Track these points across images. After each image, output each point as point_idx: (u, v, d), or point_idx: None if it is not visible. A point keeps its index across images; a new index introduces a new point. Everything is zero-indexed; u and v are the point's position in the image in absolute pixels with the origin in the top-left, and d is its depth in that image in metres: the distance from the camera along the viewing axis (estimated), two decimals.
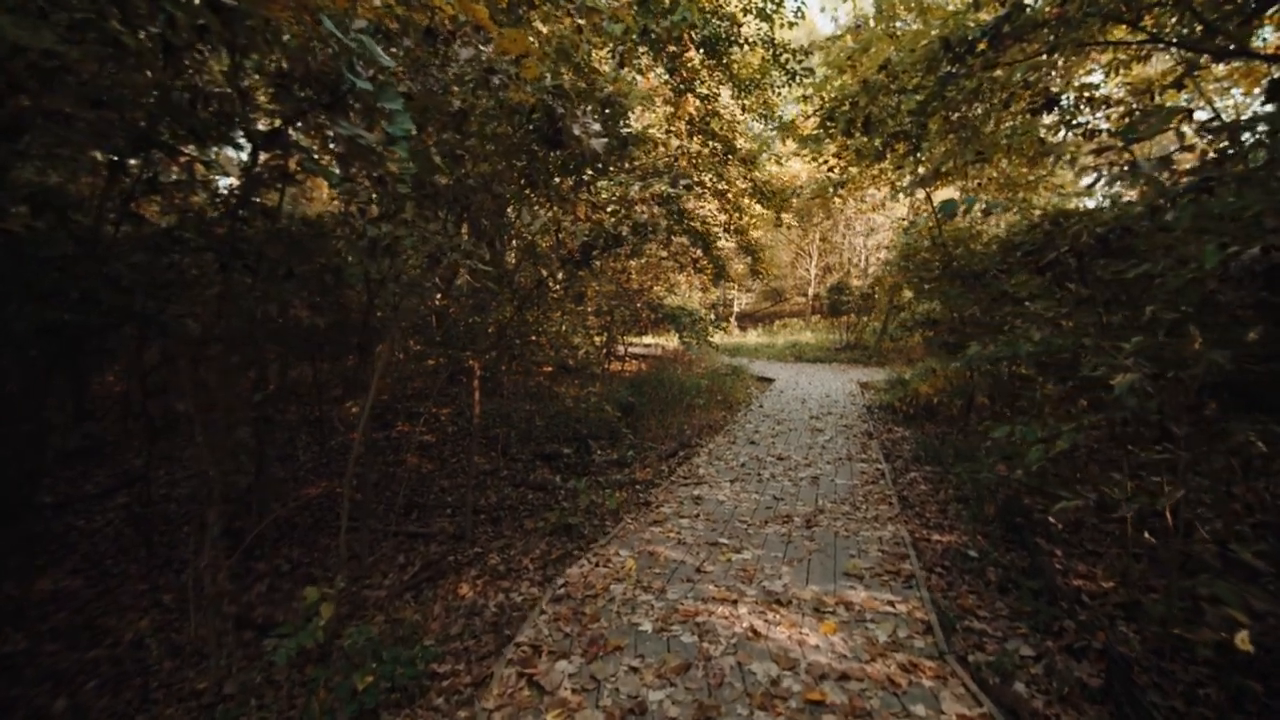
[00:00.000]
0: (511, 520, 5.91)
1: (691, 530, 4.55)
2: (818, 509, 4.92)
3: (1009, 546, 4.36)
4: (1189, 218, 2.37)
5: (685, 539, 4.35)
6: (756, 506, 5.08)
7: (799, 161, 21.41)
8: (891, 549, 4.14)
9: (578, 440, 8.70)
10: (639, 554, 4.16)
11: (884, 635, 2.97)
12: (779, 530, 4.47)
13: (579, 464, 7.94)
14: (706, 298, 22.87)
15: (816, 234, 29.38)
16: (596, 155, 3.17)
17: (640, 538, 4.47)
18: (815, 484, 5.65)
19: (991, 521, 4.71)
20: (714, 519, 4.80)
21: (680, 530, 4.54)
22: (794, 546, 4.20)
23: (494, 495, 6.91)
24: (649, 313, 12.20)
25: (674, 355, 16.66)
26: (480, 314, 5.53)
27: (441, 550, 5.27)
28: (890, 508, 4.93)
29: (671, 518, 4.88)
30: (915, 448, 7.49)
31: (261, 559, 5.43)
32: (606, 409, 6.64)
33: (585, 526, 5.18)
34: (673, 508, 5.15)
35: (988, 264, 5.12)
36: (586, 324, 12.59)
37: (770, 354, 20.41)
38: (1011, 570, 3.95)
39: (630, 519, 4.92)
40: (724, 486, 5.60)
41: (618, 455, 8.16)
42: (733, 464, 6.38)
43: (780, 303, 33.82)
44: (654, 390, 11.57)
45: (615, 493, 6.17)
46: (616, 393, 10.93)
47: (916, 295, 9.19)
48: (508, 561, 4.81)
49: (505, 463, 8.27)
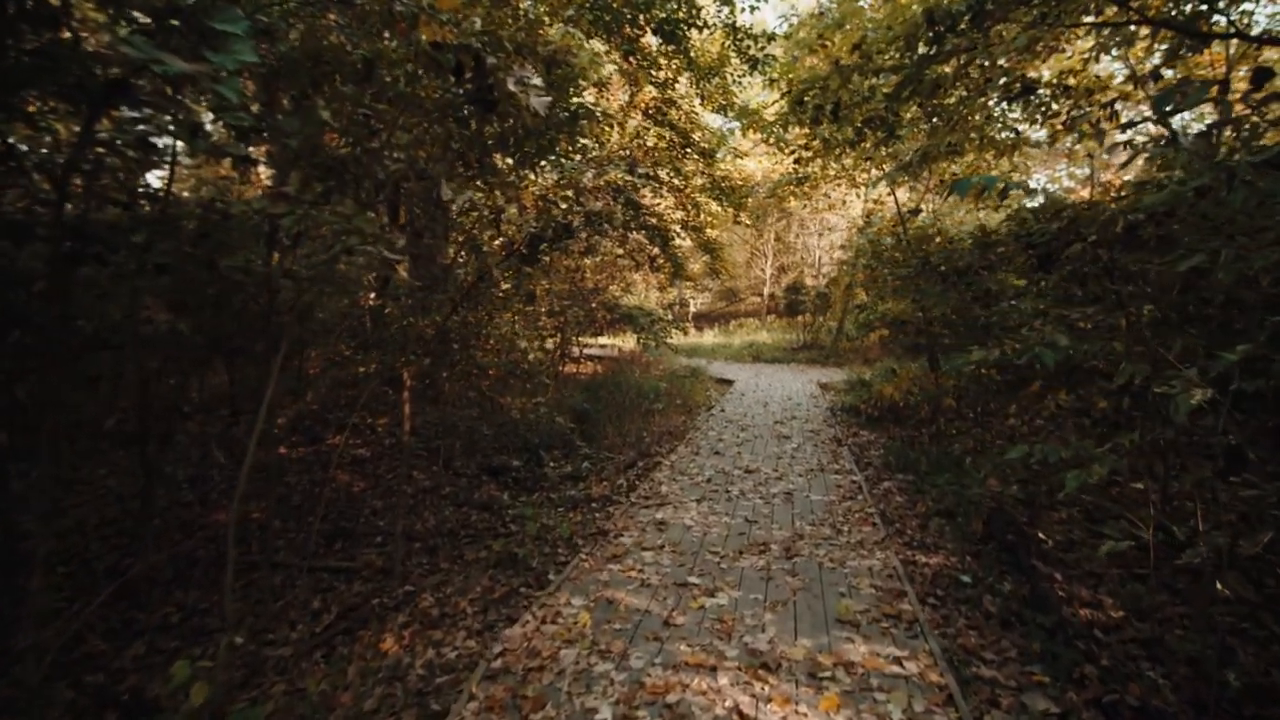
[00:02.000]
0: (450, 549, 5.23)
1: (656, 567, 3.98)
2: (796, 533, 4.44)
3: (1003, 569, 3.97)
4: (1256, 197, 1.95)
5: (649, 578, 3.77)
6: (728, 532, 4.57)
7: (754, 161, 21.22)
8: (885, 583, 3.67)
9: (528, 451, 8.03)
10: (595, 602, 3.54)
11: (898, 712, 2.46)
12: (756, 563, 3.96)
13: (529, 478, 7.29)
14: (664, 297, 22.43)
15: (771, 234, 29.38)
16: (539, 118, 2.60)
17: (596, 579, 3.86)
18: (789, 501, 5.17)
19: (980, 540, 4.33)
20: (681, 550, 4.26)
21: (643, 567, 3.96)
22: (775, 584, 3.67)
23: (432, 518, 6.19)
24: (605, 313, 11.60)
25: (631, 357, 16.12)
26: (420, 315, 4.83)
27: (366, 590, 4.55)
28: (874, 529, 4.48)
29: (633, 550, 4.30)
30: (885, 454, 7.16)
31: (147, 607, 4.58)
32: (558, 420, 6.01)
33: (534, 557, 4.55)
34: (634, 536, 4.58)
35: (969, 260, 4.76)
36: (540, 325, 11.91)
37: (728, 354, 20.10)
38: (1012, 600, 3.54)
39: (585, 553, 4.28)
40: (690, 507, 5.07)
41: (572, 468, 7.54)
42: (698, 479, 5.85)
43: (736, 303, 33.74)
44: (610, 394, 10.98)
45: (568, 516, 5.57)
46: (571, 398, 10.29)
47: (880, 294, 8.90)
48: (442, 603, 4.14)
49: (448, 478, 7.53)
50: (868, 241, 12.52)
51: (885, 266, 7.01)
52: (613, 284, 14.58)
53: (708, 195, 12.09)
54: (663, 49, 8.38)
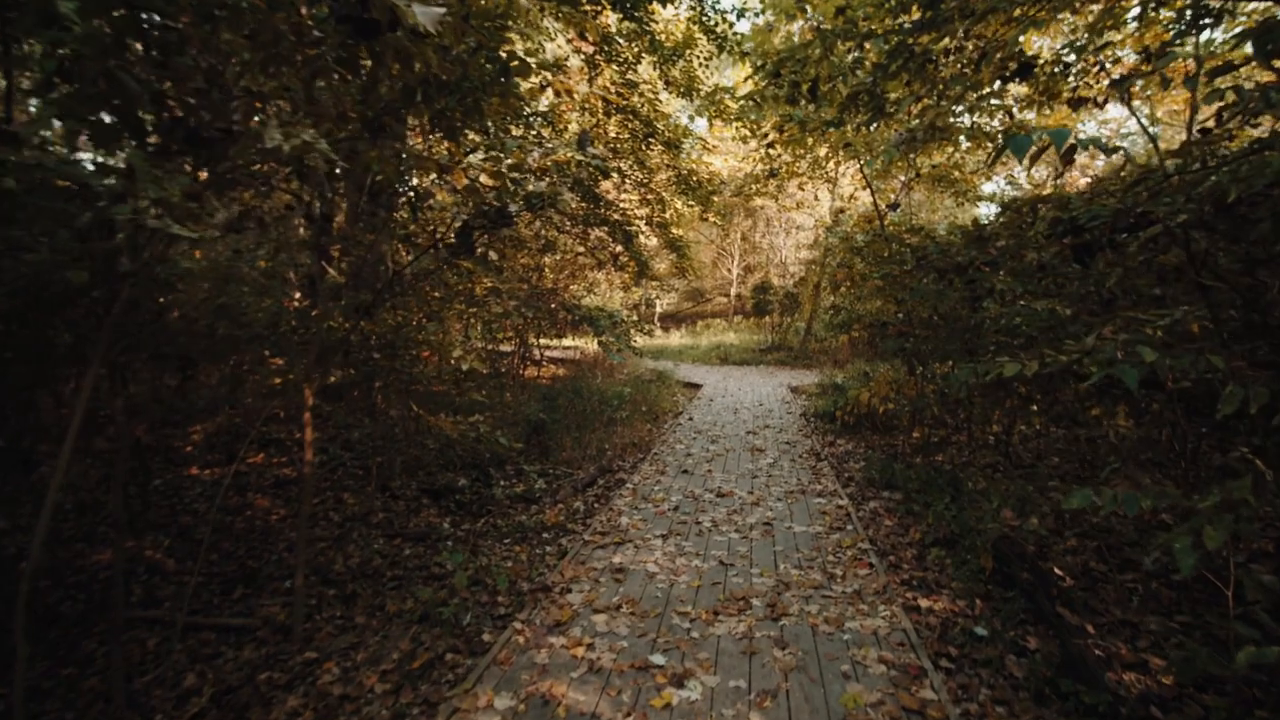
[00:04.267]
0: (371, 596, 4.40)
1: (610, 638, 3.16)
2: (780, 580, 3.74)
3: (1022, 616, 3.37)
4: None
5: (600, 658, 2.96)
6: (700, 581, 3.81)
7: (721, 159, 20.69)
8: (896, 656, 2.95)
9: (477, 467, 7.22)
10: (525, 703, 2.68)
11: None
12: (735, 628, 3.18)
13: (475, 501, 6.48)
14: (628, 298, 21.74)
15: (738, 234, 29.00)
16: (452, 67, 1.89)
17: (532, 662, 3.01)
18: (769, 534, 4.50)
19: (990, 579, 3.73)
20: (642, 610, 3.45)
21: (594, 639, 3.14)
22: (761, 663, 2.90)
23: (357, 553, 5.34)
24: (565, 314, 10.83)
25: (594, 360, 15.36)
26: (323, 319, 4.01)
27: (258, 658, 3.70)
28: (872, 573, 3.80)
29: (582, 612, 3.45)
30: (866, 467, 6.59)
31: None
32: (500, 441, 5.23)
33: (466, 611, 3.78)
34: (584, 591, 3.74)
35: (969, 256, 4.18)
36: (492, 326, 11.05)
37: (695, 356, 19.52)
38: (1042, 663, 2.93)
39: (522, 620, 3.43)
40: (654, 546, 4.34)
41: (524, 487, 6.76)
42: (663, 507, 5.12)
43: (702, 303, 33.29)
44: (570, 402, 10.22)
45: (514, 552, 4.80)
46: (527, 405, 9.50)
47: (858, 294, 8.37)
48: (348, 677, 3.34)
49: (383, 501, 6.67)
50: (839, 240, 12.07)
51: (869, 263, 6.43)
52: (574, 284, 13.81)
53: (674, 190, 11.43)
54: (622, 24, 7.67)
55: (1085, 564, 3.96)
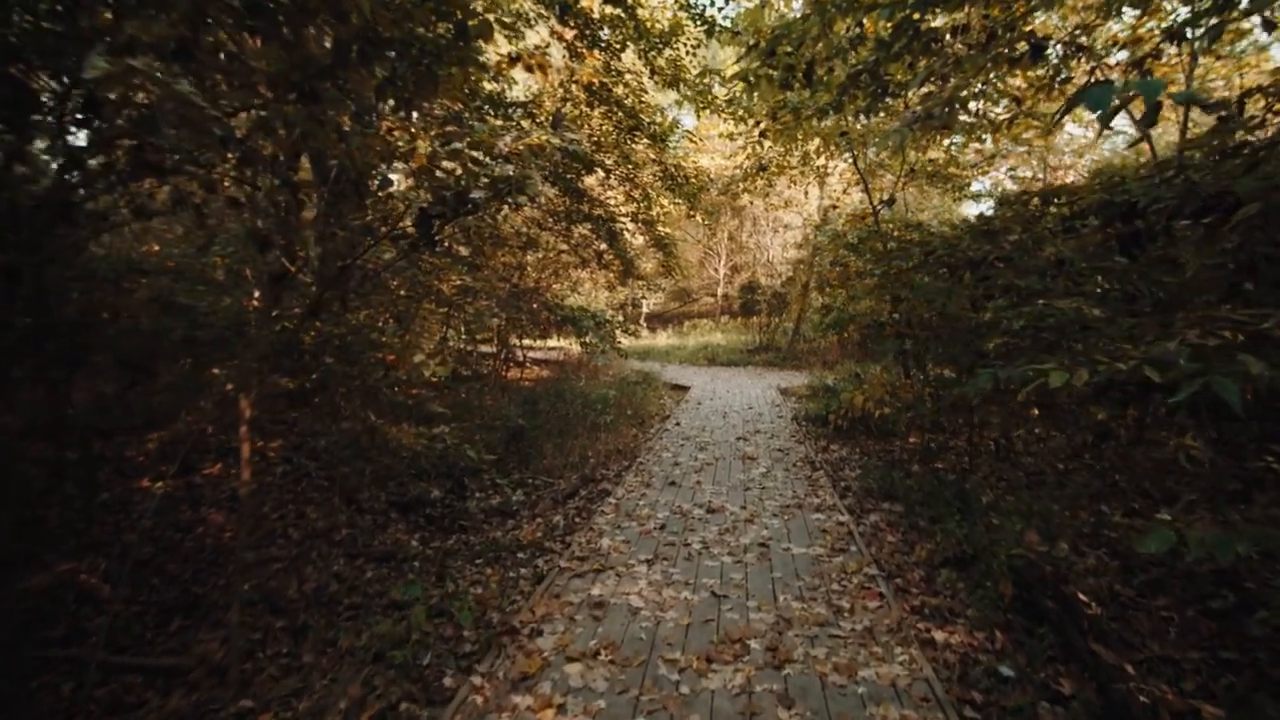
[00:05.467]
0: (324, 628, 3.96)
1: (584, 695, 2.66)
2: (781, 616, 3.31)
3: (1049, 652, 3.02)
4: None
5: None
6: (690, 618, 3.31)
7: (708, 158, 20.34)
8: (921, 716, 2.51)
9: (451, 477, 6.77)
10: None
11: None
12: (731, 681, 2.73)
13: (448, 515, 6.04)
14: (614, 297, 21.32)
15: (725, 233, 28.72)
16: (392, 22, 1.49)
17: None
18: (766, 558, 4.07)
19: (1009, 606, 3.37)
20: (624, 657, 2.96)
21: (566, 697, 2.65)
22: None
23: (315, 576, 4.89)
24: (547, 314, 10.40)
25: (579, 361, 14.93)
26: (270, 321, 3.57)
27: (185, 707, 3.25)
28: (883, 606, 3.40)
29: (554, 661, 2.95)
30: (863, 475, 6.23)
31: None
32: (469, 454, 4.80)
33: (426, 649, 3.35)
34: (556, 634, 3.20)
35: (983, 252, 3.83)
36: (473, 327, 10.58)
37: (682, 357, 19.14)
38: (1078, 711, 2.57)
39: (482, 673, 2.93)
40: (638, 574, 3.87)
41: (501, 499, 6.33)
42: (649, 526, 4.68)
43: (689, 303, 32.96)
44: (553, 405, 9.79)
45: (485, 575, 4.38)
46: (506, 410, 9.05)
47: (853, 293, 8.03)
48: None
49: (349, 516, 6.21)
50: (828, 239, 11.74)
51: (868, 260, 6.07)
52: (557, 283, 13.38)
53: (660, 187, 11.04)
54: (606, 11, 7.25)
55: (1110, 586, 3.62)
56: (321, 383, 4.64)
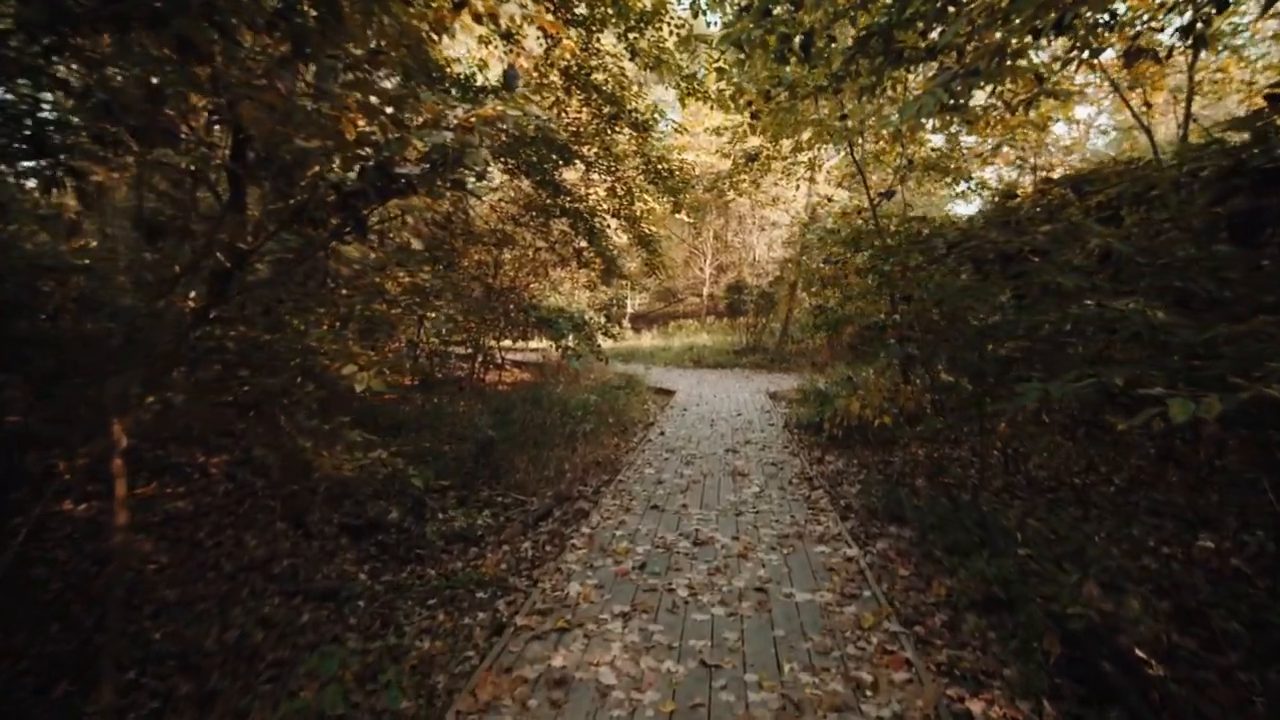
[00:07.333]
0: (238, 694, 3.30)
1: None
2: (787, 697, 2.61)
3: None
4: None
5: None
6: (674, 702, 2.60)
7: (694, 154, 19.78)
8: None
9: (412, 497, 6.12)
10: None
11: None
12: None
13: (404, 541, 5.40)
14: (596, 297, 20.68)
15: (710, 232, 28.22)
16: None
17: None
18: (765, 607, 3.42)
19: (1056, 668, 2.82)
20: None
21: None
22: None
23: (242, 619, 4.23)
24: (523, 315, 9.76)
25: (559, 364, 14.28)
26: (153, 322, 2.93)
27: None
28: (910, 675, 2.74)
29: None
30: (864, 490, 5.68)
31: None
32: (414, 480, 4.16)
33: None
34: None
35: (1017, 244, 3.29)
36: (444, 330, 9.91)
37: (667, 358, 18.56)
38: None
39: None
40: (610, 635, 3.16)
41: (465, 522, 5.69)
42: (626, 564, 3.97)
43: (675, 303, 32.43)
44: (528, 413, 9.15)
45: (435, 621, 3.75)
46: (479, 418, 8.40)
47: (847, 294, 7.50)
48: None
49: (294, 543, 5.54)
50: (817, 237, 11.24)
51: (870, 256, 5.52)
52: (535, 282, 12.73)
53: (643, 182, 10.44)
54: None
55: (1165, 636, 3.09)
56: (256, 397, 3.98)
